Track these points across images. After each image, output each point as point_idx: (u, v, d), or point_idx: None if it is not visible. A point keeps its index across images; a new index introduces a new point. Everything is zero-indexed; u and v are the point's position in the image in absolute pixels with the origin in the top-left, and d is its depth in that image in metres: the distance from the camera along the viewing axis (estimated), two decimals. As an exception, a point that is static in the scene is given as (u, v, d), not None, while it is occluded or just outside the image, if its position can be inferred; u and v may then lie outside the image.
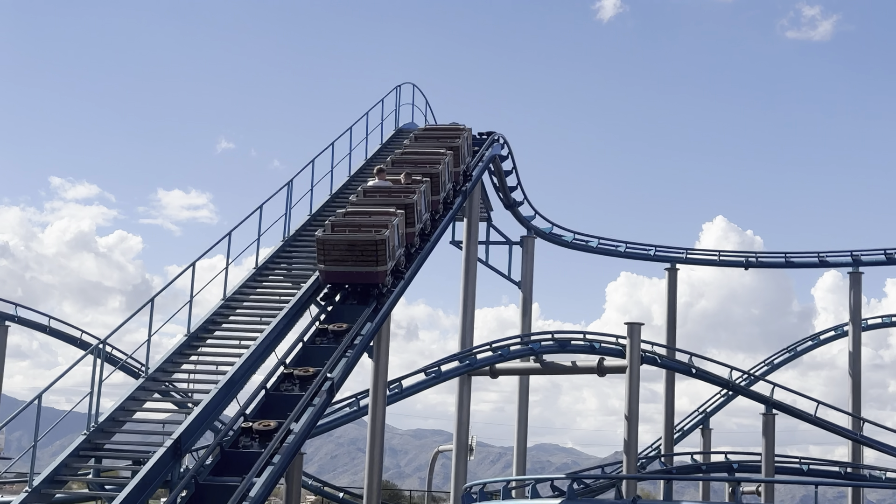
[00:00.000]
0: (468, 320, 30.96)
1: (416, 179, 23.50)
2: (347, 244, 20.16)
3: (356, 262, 20.16)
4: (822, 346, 47.29)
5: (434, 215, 24.14)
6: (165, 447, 15.49)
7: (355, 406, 29.20)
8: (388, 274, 20.59)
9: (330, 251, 20.24)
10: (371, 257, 20.15)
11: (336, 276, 20.39)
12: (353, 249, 20.13)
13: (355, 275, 20.26)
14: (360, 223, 20.76)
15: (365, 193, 23.06)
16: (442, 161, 24.94)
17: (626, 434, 28.70)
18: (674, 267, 42.46)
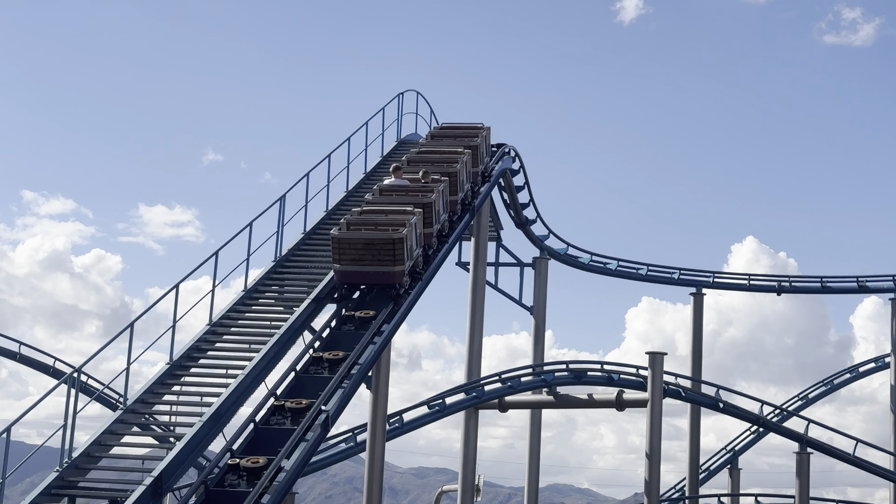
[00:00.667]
0: (475, 349, 30.94)
1: (435, 179, 24.02)
2: (364, 243, 20.78)
3: (373, 262, 20.81)
4: (862, 379, 47.15)
5: (452, 216, 24.68)
6: (145, 485, 15.47)
7: (352, 441, 29.10)
8: (406, 274, 21.16)
9: (346, 250, 20.83)
10: (388, 257, 20.75)
11: (352, 276, 21.03)
12: (370, 248, 20.75)
13: (372, 275, 20.91)
14: (376, 222, 21.29)
15: (381, 192, 23.57)
16: (460, 160, 25.40)
17: (648, 474, 28.64)
18: (699, 292, 42.44)
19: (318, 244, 24.83)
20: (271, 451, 16.06)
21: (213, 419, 17.40)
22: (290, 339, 20.35)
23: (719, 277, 43.38)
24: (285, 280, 23.08)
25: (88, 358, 18.59)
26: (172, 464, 16.13)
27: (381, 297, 20.99)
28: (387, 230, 20.94)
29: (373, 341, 19.67)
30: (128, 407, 17.99)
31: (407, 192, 23.40)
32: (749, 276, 44.10)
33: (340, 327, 20.33)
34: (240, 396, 18.35)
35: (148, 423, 18.63)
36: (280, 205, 23.67)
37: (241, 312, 21.56)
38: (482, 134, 27.83)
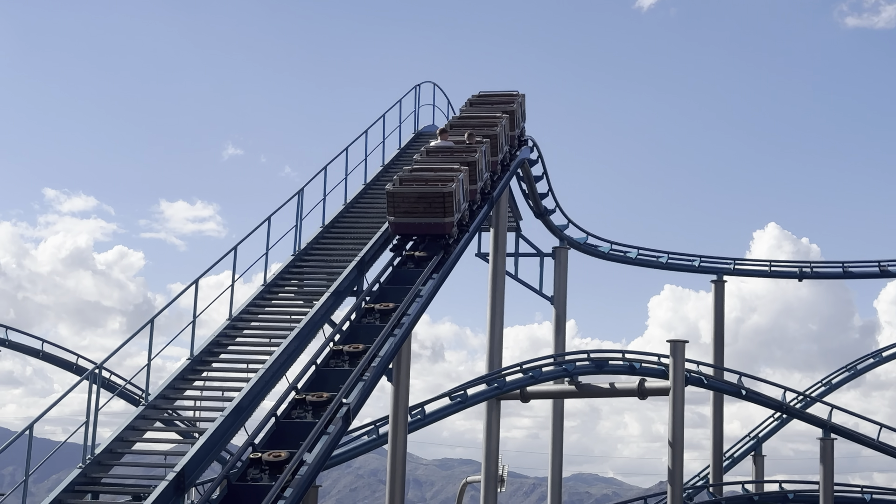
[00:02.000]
0: (496, 339, 30.94)
1: (478, 140, 25.96)
2: (416, 197, 22.87)
3: (424, 214, 22.86)
4: (887, 364, 47.01)
5: (493, 176, 26.72)
6: (168, 480, 15.54)
7: (374, 434, 29.19)
8: (455, 225, 23.17)
9: (399, 203, 22.95)
10: (439, 209, 22.81)
11: (405, 227, 23.12)
12: (422, 201, 22.83)
13: (423, 226, 22.95)
14: (427, 178, 23.43)
15: (428, 153, 25.61)
16: (499, 123, 27.44)
17: (671, 462, 28.62)
18: (721, 279, 42.34)
19: (337, 237, 24.87)
20: (293, 444, 16.11)
21: (234, 413, 17.46)
22: (311, 333, 20.41)
23: (740, 264, 43.27)
24: (305, 274, 23.13)
25: (110, 354, 18.68)
26: (195, 459, 16.20)
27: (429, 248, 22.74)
28: (437, 185, 22.98)
29: (393, 333, 19.70)
30: (149, 403, 18.06)
31: (452, 152, 25.31)
32: (770, 262, 43.95)
33: (360, 320, 20.38)
34: (261, 390, 18.40)
35: (170, 419, 18.70)
36: (298, 199, 23.72)
37: (261, 307, 21.61)
38: (517, 100, 29.53)
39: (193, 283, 19.78)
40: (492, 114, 28.32)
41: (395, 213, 23.03)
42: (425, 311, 21.66)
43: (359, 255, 22.99)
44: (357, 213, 26.27)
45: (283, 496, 15.03)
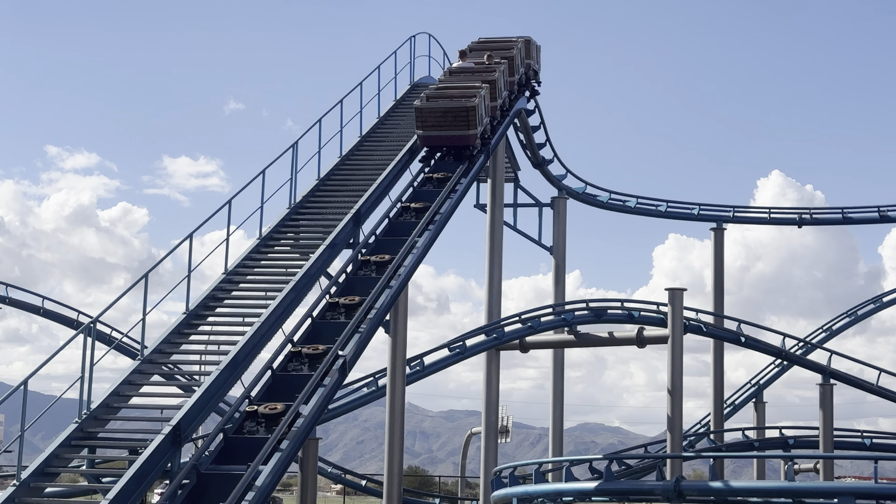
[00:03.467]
0: (495, 290, 30.95)
1: (496, 61, 28.03)
2: (442, 111, 24.89)
3: (450, 127, 24.83)
4: (891, 309, 47.07)
5: (510, 95, 28.68)
6: (164, 434, 15.59)
7: (374, 386, 29.26)
8: (478, 138, 25.10)
9: (427, 118, 24.96)
10: (463, 122, 24.79)
11: (432, 139, 25.15)
12: (447, 115, 24.84)
13: (449, 138, 24.97)
14: (451, 94, 25.40)
15: (451, 73, 27.74)
16: (515, 47, 29.50)
17: (670, 409, 28.71)
18: (720, 227, 42.30)
19: (333, 190, 24.81)
20: (289, 397, 16.15)
21: (230, 367, 17.48)
22: (307, 286, 20.38)
23: (740, 212, 43.24)
24: (300, 227, 23.10)
25: (105, 308, 18.69)
26: (191, 412, 16.23)
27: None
28: (461, 100, 24.95)
29: (389, 285, 19.70)
30: (145, 357, 18.08)
31: (473, 72, 27.35)
32: (770, 209, 43.93)
33: (356, 272, 20.39)
34: (257, 344, 18.41)
35: (166, 373, 18.73)
36: (293, 152, 23.65)
37: (256, 260, 21.60)
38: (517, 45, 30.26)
39: (188, 238, 19.79)
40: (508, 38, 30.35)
41: (423, 126, 25.00)
42: (422, 262, 21.66)
43: (354, 208, 22.94)
44: (353, 165, 26.19)
45: (279, 448, 15.08)
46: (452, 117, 24.90)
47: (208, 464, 14.99)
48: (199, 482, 14.62)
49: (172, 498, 14.03)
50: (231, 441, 15.49)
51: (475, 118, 24.89)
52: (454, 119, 24.90)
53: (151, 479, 15.25)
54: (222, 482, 14.40)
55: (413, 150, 26.52)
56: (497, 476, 25.44)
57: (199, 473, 14.69)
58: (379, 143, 27.54)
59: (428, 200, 23.17)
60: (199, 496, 14.46)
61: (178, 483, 14.47)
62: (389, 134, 28.09)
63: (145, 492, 15.15)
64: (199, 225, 20.24)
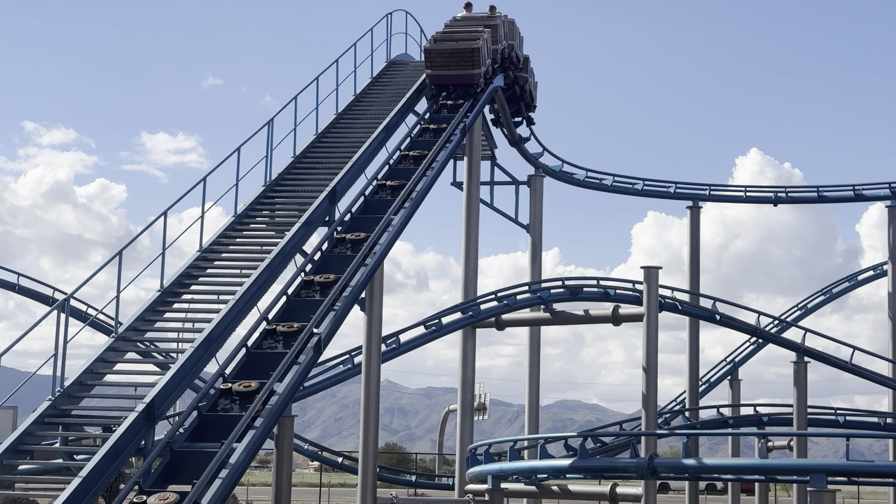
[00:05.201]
0: (471, 268, 30.95)
1: (498, 13, 30.74)
2: (450, 52, 27.67)
3: (457, 67, 27.50)
4: (869, 287, 47.57)
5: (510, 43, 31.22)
6: (138, 412, 15.60)
7: (350, 364, 29.27)
8: (482, 77, 27.83)
9: (435, 58, 27.72)
10: (468, 62, 27.52)
11: (440, 78, 27.82)
12: (455, 56, 27.58)
13: (455, 77, 27.61)
14: (457, 37, 28.18)
15: (456, 20, 30.16)
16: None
17: (645, 387, 28.80)
18: (696, 205, 42.38)
19: (309, 167, 24.79)
20: (264, 374, 16.19)
21: (205, 344, 17.49)
22: (282, 263, 20.39)
23: (716, 190, 43.31)
24: (276, 204, 23.08)
25: (79, 286, 18.69)
26: (165, 389, 16.24)
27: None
28: (466, 42, 27.73)
29: (364, 263, 19.73)
30: (120, 335, 18.07)
31: (476, 19, 30.08)
32: (746, 188, 44.04)
33: (332, 250, 20.41)
34: (232, 321, 18.42)
35: (140, 351, 18.73)
36: (269, 129, 23.59)
37: (231, 237, 21.58)
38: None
39: (163, 215, 19.77)
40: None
41: (432, 66, 27.70)
42: (399, 240, 21.70)
43: (330, 185, 22.93)
44: (329, 142, 26.16)
45: (253, 426, 15.11)
46: (459, 58, 27.47)
47: (182, 441, 15.02)
48: (173, 460, 14.65)
49: (146, 475, 14.05)
50: (205, 419, 15.51)
51: (479, 58, 27.48)
52: (460, 59, 27.48)
53: (125, 456, 15.27)
54: (196, 459, 14.43)
55: (388, 127, 26.54)
56: (472, 453, 25.56)
57: (173, 451, 14.71)
58: (355, 120, 27.50)
59: (404, 178, 23.19)
60: (173, 473, 14.48)
61: (151, 460, 14.50)
62: (366, 111, 28.06)
63: (119, 469, 15.17)
64: (174, 202, 20.25)
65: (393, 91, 29.15)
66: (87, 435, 18.44)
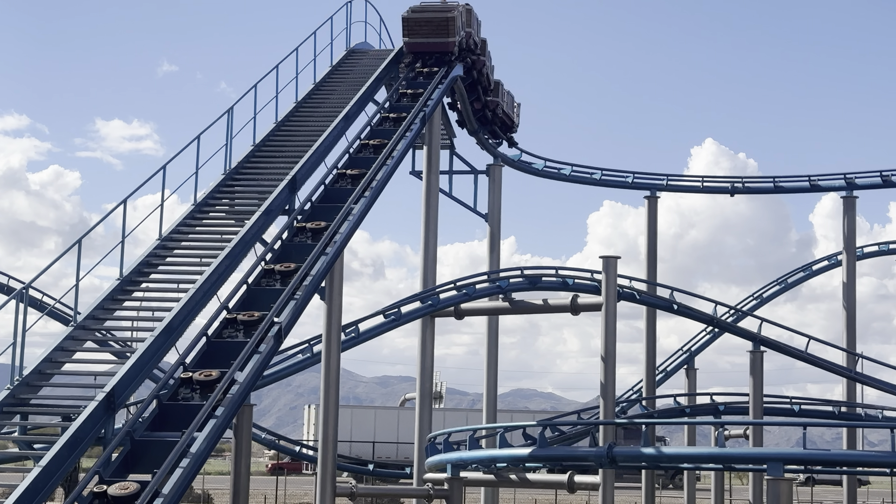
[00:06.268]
0: (430, 257, 30.96)
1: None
2: (427, 20, 29.42)
3: (433, 35, 29.19)
4: (822, 277, 47.79)
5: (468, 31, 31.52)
6: (97, 401, 15.51)
7: (309, 352, 29.22)
8: (456, 45, 29.57)
9: (412, 27, 29.36)
10: (444, 30, 29.27)
11: (417, 45, 29.52)
12: (431, 24, 29.32)
13: (432, 45, 29.31)
14: (434, 8, 29.93)
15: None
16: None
17: (603, 376, 28.88)
18: (654, 195, 42.55)
19: (268, 156, 24.70)
20: (224, 363, 16.15)
21: (165, 333, 17.40)
22: (242, 252, 20.33)
23: (673, 180, 43.51)
24: (235, 193, 23.00)
25: (38, 274, 18.52)
26: (125, 379, 16.15)
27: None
28: (442, 13, 29.51)
29: (325, 252, 19.71)
30: (79, 323, 17.95)
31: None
32: (703, 178, 44.30)
33: (292, 239, 20.37)
34: (192, 310, 18.34)
35: (99, 339, 18.59)
36: (228, 117, 23.49)
37: (191, 226, 21.49)
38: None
39: (122, 203, 19.64)
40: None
41: (409, 34, 29.39)
42: (357, 229, 21.67)
43: (290, 174, 22.87)
44: (289, 131, 26.08)
45: (214, 415, 15.07)
46: (435, 25, 29.25)
47: (142, 430, 14.99)
48: (134, 449, 14.61)
49: (106, 465, 13.98)
50: (165, 408, 15.47)
51: (454, 27, 29.32)
52: (436, 27, 29.23)
53: (84, 446, 15.17)
54: (157, 449, 14.41)
55: (348, 116, 26.49)
56: (431, 442, 25.61)
57: (134, 440, 14.67)
58: (315, 108, 27.43)
59: (364, 167, 23.16)
60: (133, 463, 14.45)
61: (111, 449, 14.43)
62: (326, 100, 27.99)
63: (78, 459, 15.07)
64: (134, 190, 20.11)
65: (353, 79, 29.09)
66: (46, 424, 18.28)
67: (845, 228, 42.30)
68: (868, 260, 47.70)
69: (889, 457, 21.35)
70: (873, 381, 37.98)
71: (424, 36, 29.25)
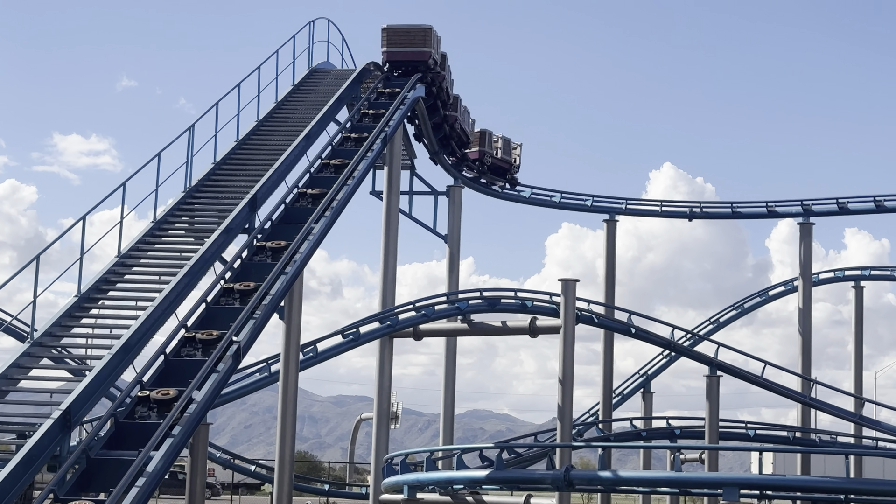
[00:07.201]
0: (390, 277, 30.90)
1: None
2: (405, 31, 31.42)
3: (411, 44, 31.13)
4: (778, 302, 48.18)
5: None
6: (53, 419, 15.38)
7: (266, 372, 29.13)
8: (431, 57, 31.43)
9: (392, 37, 31.19)
10: (421, 39, 31.30)
11: (396, 55, 31.19)
12: (409, 34, 31.33)
13: (410, 53, 31.10)
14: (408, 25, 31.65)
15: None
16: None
17: (561, 399, 28.95)
18: (613, 218, 42.80)
19: (229, 174, 24.64)
20: (182, 382, 16.07)
21: (122, 351, 17.30)
22: (201, 270, 20.24)
23: (632, 204, 43.80)
24: (195, 211, 22.92)
25: (-4, 291, 18.38)
26: (81, 396, 16.03)
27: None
28: (419, 26, 31.38)
29: (284, 272, 19.68)
30: (35, 340, 17.82)
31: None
32: (662, 202, 44.59)
33: (252, 258, 20.32)
34: (150, 328, 18.24)
35: (57, 356, 18.47)
36: (189, 135, 23.44)
37: (150, 244, 21.40)
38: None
39: (81, 220, 19.54)
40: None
41: (388, 44, 31.18)
42: (317, 248, 21.64)
43: (251, 193, 22.83)
44: (250, 149, 26.04)
45: (171, 434, 14.99)
46: (413, 36, 31.28)
47: (98, 449, 14.88)
48: (89, 467, 14.51)
49: (61, 483, 13.88)
50: (122, 426, 15.38)
51: (431, 38, 31.36)
52: (414, 37, 31.24)
53: (40, 463, 15.04)
54: (113, 468, 14.30)
55: (310, 135, 26.48)
56: (388, 463, 25.57)
57: (89, 458, 14.57)
58: (276, 127, 27.42)
59: (325, 187, 23.16)
60: (88, 482, 14.34)
61: (67, 468, 14.33)
62: (287, 118, 27.98)
63: (33, 477, 14.95)
64: (93, 207, 20.02)
65: (315, 98, 29.10)
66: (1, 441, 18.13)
67: (801, 254, 42.68)
68: (823, 286, 48.17)
69: (843, 483, 21.51)
70: (827, 406, 38.24)
71: (403, 46, 31.11)
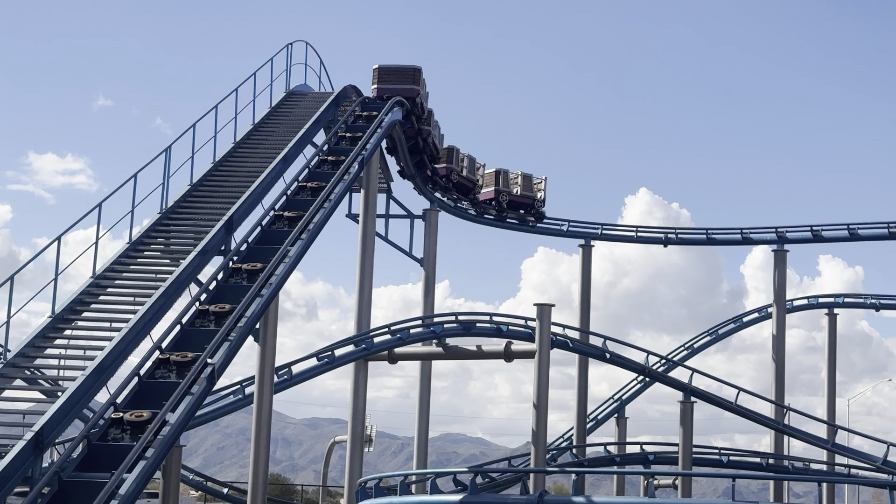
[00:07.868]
0: (365, 300, 30.85)
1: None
2: (396, 69, 33.28)
3: (401, 82, 33.02)
4: (752, 329, 48.37)
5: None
6: (26, 440, 15.30)
7: (241, 394, 29.04)
8: (419, 95, 33.40)
9: (383, 75, 33.03)
10: (411, 78, 33.22)
11: (386, 91, 32.64)
12: (400, 72, 33.24)
13: (399, 90, 32.69)
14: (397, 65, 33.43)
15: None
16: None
17: (535, 423, 28.96)
18: (588, 244, 42.93)
19: (205, 196, 24.62)
20: (156, 404, 16.00)
21: (96, 372, 17.24)
22: (176, 292, 20.23)
23: (608, 229, 43.94)
24: (171, 232, 22.89)
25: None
26: (54, 418, 15.97)
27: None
28: (409, 67, 33.33)
29: (260, 294, 19.64)
30: (8, 361, 17.74)
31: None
32: (637, 228, 44.74)
33: (227, 280, 20.27)
34: (124, 349, 18.20)
35: (29, 377, 18.38)
36: (166, 156, 23.43)
37: (125, 265, 21.36)
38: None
39: (56, 240, 19.49)
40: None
41: (380, 81, 32.95)
42: (293, 271, 21.61)
43: (227, 215, 22.83)
44: (226, 171, 26.04)
45: (144, 456, 14.91)
46: (403, 74, 33.13)
47: (71, 471, 14.78)
48: (61, 489, 14.40)
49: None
50: (95, 448, 15.29)
51: (420, 78, 33.34)
52: (404, 76, 33.10)
53: (12, 485, 14.95)
54: (85, 490, 14.20)
55: (287, 158, 26.49)
56: (362, 487, 25.48)
57: (62, 480, 14.46)
58: (253, 149, 27.43)
59: (301, 209, 23.15)
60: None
61: (38, 490, 14.23)
62: (264, 141, 27.99)
63: (4, 499, 14.86)
64: (69, 227, 19.97)
65: (292, 121, 29.14)
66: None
67: (776, 281, 42.86)
68: (797, 312, 48.35)
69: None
70: (800, 433, 38.35)
71: (393, 83, 32.74)
